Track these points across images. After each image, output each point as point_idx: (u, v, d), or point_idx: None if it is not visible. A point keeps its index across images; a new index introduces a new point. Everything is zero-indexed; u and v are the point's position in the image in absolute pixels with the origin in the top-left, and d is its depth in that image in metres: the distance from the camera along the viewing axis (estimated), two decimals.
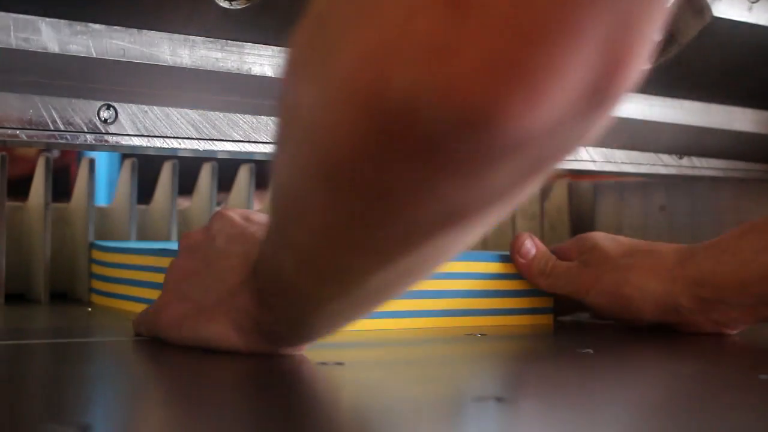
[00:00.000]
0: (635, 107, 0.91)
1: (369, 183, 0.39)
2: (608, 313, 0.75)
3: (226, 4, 0.71)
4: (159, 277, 0.70)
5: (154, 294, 0.71)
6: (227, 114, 0.72)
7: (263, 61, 0.74)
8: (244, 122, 0.72)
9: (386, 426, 0.46)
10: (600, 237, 0.76)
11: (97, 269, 0.86)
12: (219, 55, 0.72)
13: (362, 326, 0.66)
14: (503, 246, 0.91)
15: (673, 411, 0.49)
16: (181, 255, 0.60)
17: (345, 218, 0.42)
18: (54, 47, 0.66)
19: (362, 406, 0.50)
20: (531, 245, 0.76)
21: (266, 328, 0.54)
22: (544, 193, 1.13)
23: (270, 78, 0.73)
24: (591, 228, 1.11)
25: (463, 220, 0.41)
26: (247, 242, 0.56)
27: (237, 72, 0.73)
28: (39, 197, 0.85)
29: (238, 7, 0.71)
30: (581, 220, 1.16)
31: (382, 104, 0.36)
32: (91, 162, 0.88)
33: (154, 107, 0.69)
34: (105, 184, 1.39)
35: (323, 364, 0.57)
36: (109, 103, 0.67)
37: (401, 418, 0.47)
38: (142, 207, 0.94)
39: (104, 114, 0.67)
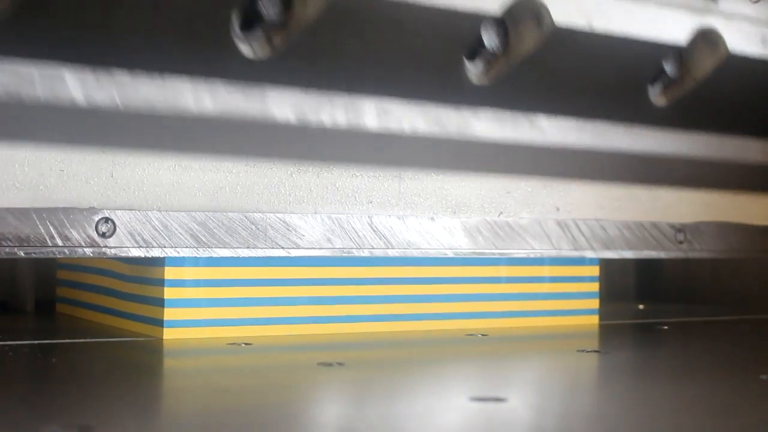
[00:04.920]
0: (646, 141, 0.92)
1: None
2: None
3: (248, 50, 0.71)
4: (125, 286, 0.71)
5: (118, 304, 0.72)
6: (225, 223, 0.73)
7: (286, 106, 0.74)
8: (243, 229, 0.73)
9: (386, 426, 0.46)
10: None
11: (63, 275, 0.84)
12: (242, 101, 0.73)
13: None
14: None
15: (672, 411, 0.50)
16: None
17: None
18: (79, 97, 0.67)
19: (362, 406, 0.50)
20: None
21: None
22: None
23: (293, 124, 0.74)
24: None
25: None
26: None
27: (261, 119, 0.73)
28: None
29: (262, 55, 0.72)
30: None
31: None
32: None
33: (153, 218, 0.70)
34: None
35: (323, 364, 0.57)
36: (107, 216, 0.68)
37: (401, 418, 0.47)
38: None
39: (102, 228, 0.67)
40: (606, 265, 1.07)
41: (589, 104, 0.87)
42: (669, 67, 0.87)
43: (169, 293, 0.69)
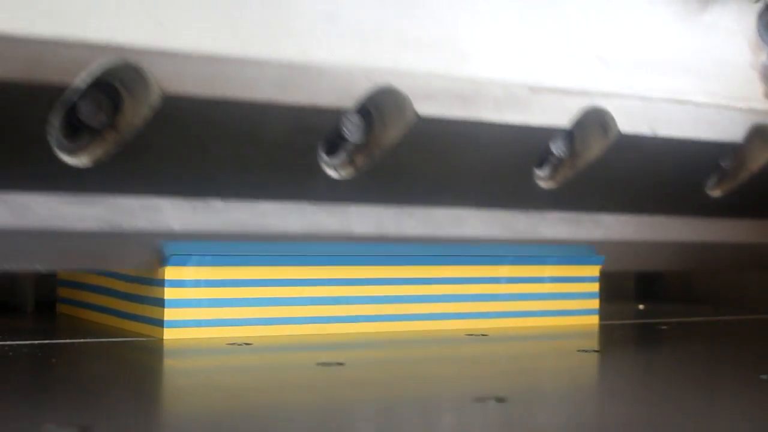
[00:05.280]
0: None
1: None
2: None
3: (334, 173, 0.74)
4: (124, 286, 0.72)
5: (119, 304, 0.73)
6: None
7: (367, 222, 0.77)
8: None
9: (386, 426, 0.46)
10: None
11: (64, 275, 0.83)
12: (327, 219, 0.75)
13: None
14: None
15: (672, 410, 0.50)
16: None
17: None
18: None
19: (362, 406, 0.50)
20: None
21: None
22: None
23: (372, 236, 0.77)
24: None
25: None
26: None
27: (341, 233, 0.76)
28: None
29: (347, 176, 0.74)
30: None
31: None
32: None
33: None
34: None
35: (323, 364, 0.58)
36: None
37: (401, 418, 0.47)
38: None
39: None
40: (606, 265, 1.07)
41: (648, 200, 0.89)
42: (725, 162, 0.90)
43: (169, 293, 0.69)
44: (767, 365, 0.65)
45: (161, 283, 0.69)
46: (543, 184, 0.83)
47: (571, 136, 0.82)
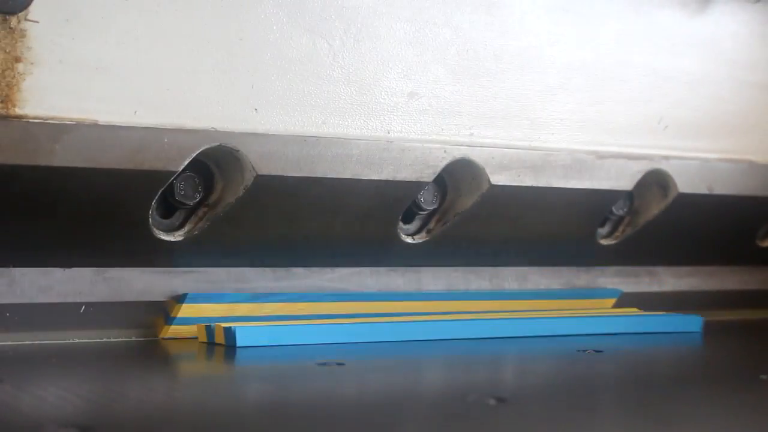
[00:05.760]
0: None
1: None
2: None
3: (409, 240, 0.77)
4: None
5: None
6: None
7: (438, 282, 0.80)
8: None
9: (386, 426, 0.46)
10: None
11: None
12: (401, 281, 0.78)
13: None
14: None
15: (672, 410, 0.50)
16: None
17: None
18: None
19: (362, 406, 0.50)
20: None
21: None
22: None
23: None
24: None
25: None
26: None
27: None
28: None
29: (420, 241, 0.77)
30: None
31: None
32: None
33: None
34: None
35: (323, 364, 0.58)
36: None
37: (401, 418, 0.47)
38: None
39: None
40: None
41: (702, 251, 0.92)
42: None
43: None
44: (767, 365, 0.65)
45: None
46: (603, 242, 0.86)
47: (632, 195, 0.85)
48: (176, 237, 0.68)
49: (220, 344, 0.65)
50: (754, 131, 0.88)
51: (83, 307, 0.67)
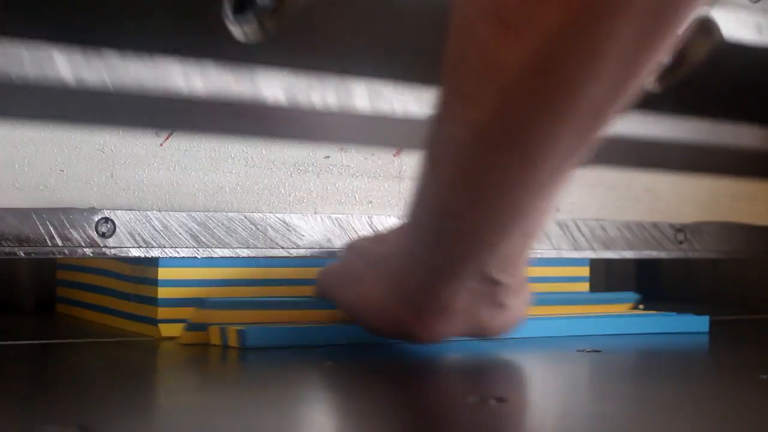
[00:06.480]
0: (642, 126, 0.92)
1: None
2: None
3: (242, 39, 0.71)
4: (128, 286, 0.70)
5: (123, 305, 0.71)
6: (225, 223, 0.72)
7: (276, 85, 0.74)
8: (243, 230, 0.73)
9: (386, 426, 0.46)
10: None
11: (62, 275, 0.83)
12: (231, 81, 0.73)
13: None
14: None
15: (673, 411, 0.49)
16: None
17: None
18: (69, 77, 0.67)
19: (361, 406, 0.50)
20: None
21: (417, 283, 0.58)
22: None
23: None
24: None
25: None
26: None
27: (251, 99, 0.73)
28: None
29: (255, 41, 0.71)
30: None
31: None
32: None
33: (153, 218, 0.69)
34: None
35: (323, 364, 0.58)
36: (107, 216, 0.68)
37: (401, 419, 0.47)
38: None
39: (102, 228, 0.67)
40: (606, 264, 1.07)
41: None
42: None
43: (162, 293, 0.68)
44: (767, 365, 0.65)
45: (155, 282, 0.68)
46: None
47: None
48: None
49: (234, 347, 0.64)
50: None
51: None
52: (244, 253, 0.72)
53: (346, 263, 0.67)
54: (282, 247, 0.73)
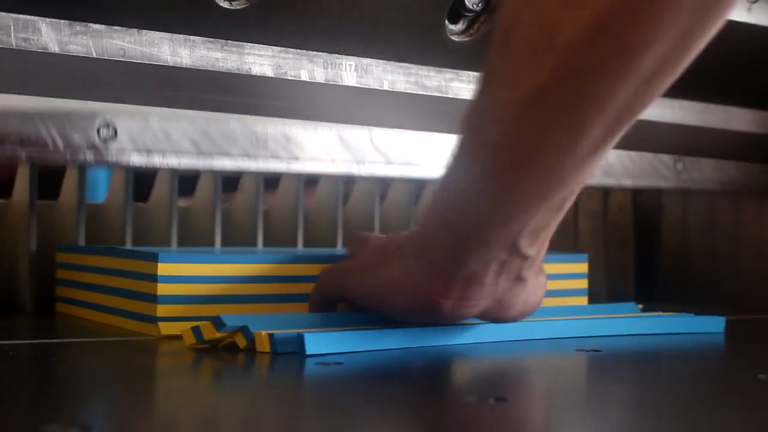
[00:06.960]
0: None
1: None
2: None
3: (226, 5, 0.70)
4: (128, 283, 0.69)
5: (123, 303, 0.70)
6: (226, 131, 0.72)
7: (263, 61, 0.73)
8: (243, 139, 0.72)
9: (386, 426, 0.46)
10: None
11: (62, 274, 0.82)
12: (219, 55, 0.72)
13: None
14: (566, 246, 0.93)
15: (672, 411, 0.49)
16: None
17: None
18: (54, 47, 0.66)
19: (361, 406, 0.50)
20: None
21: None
22: (606, 191, 1.09)
23: (270, 78, 0.73)
24: (656, 224, 1.13)
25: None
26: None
27: (237, 72, 0.72)
28: (23, 195, 0.82)
29: (239, 7, 0.70)
30: (645, 218, 1.15)
31: None
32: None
33: (154, 125, 0.68)
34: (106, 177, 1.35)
35: (323, 364, 0.57)
36: (108, 121, 0.67)
37: (401, 418, 0.47)
38: (139, 205, 0.89)
39: (104, 132, 0.66)
40: (606, 265, 1.07)
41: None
42: None
43: (162, 289, 0.66)
44: (767, 365, 0.65)
45: (154, 278, 0.66)
46: (456, 38, 0.80)
47: None
48: None
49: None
50: None
51: None
52: (245, 164, 0.71)
53: (358, 257, 0.66)
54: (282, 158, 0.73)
